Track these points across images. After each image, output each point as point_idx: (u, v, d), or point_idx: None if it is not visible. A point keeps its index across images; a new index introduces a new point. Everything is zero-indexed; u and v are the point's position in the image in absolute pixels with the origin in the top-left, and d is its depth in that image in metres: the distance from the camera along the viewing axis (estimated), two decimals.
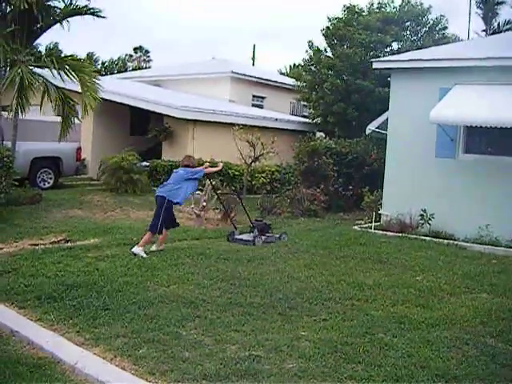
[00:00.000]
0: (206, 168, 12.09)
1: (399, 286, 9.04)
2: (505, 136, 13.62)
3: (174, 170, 11.90)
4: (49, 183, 19.01)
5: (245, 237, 12.64)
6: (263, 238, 12.60)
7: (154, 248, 11.02)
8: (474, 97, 13.87)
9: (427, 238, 13.55)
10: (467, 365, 5.96)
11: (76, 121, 16.83)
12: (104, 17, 16.47)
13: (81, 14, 16.41)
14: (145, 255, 10.40)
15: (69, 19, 16.40)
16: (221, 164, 13.40)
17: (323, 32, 25.22)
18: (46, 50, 16.17)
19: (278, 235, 12.98)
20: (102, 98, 17.76)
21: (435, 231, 13.98)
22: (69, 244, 11.21)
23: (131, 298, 7.62)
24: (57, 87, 15.86)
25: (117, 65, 55.37)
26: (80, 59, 16.12)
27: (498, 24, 38.33)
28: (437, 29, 25.29)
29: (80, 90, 15.90)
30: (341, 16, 25.11)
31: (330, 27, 24.98)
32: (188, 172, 11.47)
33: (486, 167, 14.05)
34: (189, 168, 11.58)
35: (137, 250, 10.49)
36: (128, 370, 5.54)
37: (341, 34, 24.21)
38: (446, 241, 13.37)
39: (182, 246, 11.60)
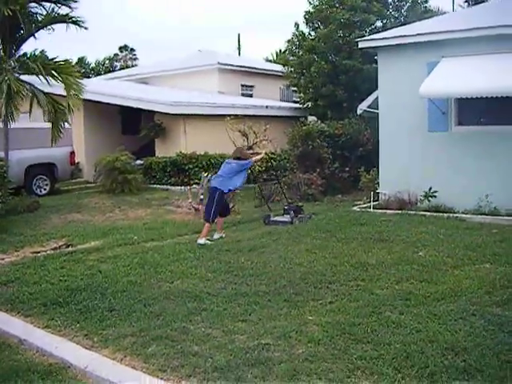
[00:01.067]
0: (253, 158, 13.05)
1: (402, 262, 9.05)
2: (496, 105, 13.59)
3: (227, 161, 12.73)
4: (45, 190, 19.01)
5: (281, 219, 13.60)
6: (299, 218, 13.54)
7: (216, 236, 11.91)
8: (463, 68, 13.86)
9: (427, 213, 13.56)
10: (475, 336, 5.97)
11: (67, 125, 16.79)
12: (86, 28, 16.43)
13: (63, 21, 16.36)
14: (209, 242, 11.33)
15: (53, 26, 16.38)
16: (263, 151, 14.40)
17: (306, 16, 25.14)
18: (31, 56, 16.06)
19: (308, 215, 13.90)
20: (91, 100, 17.75)
21: (434, 206, 13.98)
22: (70, 248, 11.21)
23: (136, 297, 7.63)
24: (44, 93, 15.82)
25: (103, 65, 55.15)
26: (64, 61, 16.03)
27: None
28: (419, 2, 25.25)
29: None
30: None
31: (312, 10, 24.89)
32: (239, 164, 12.39)
33: (479, 138, 14.05)
34: (240, 160, 12.47)
35: (202, 241, 11.32)
36: (139, 369, 5.55)
37: (323, 16, 24.10)
38: (445, 214, 13.38)
39: (183, 240, 11.61)
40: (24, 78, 15.93)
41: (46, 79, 15.72)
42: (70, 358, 5.91)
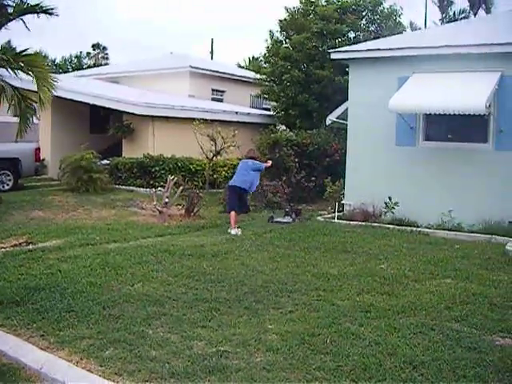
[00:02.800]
0: (264, 164, 14.13)
1: (364, 274, 9.09)
2: (463, 123, 13.82)
3: (243, 160, 14.07)
4: (8, 185, 18.75)
5: (283, 219, 14.84)
6: (299, 218, 14.98)
7: (233, 232, 12.84)
8: (432, 85, 14.04)
9: (390, 226, 13.65)
10: (433, 350, 6.01)
11: (34, 120, 16.55)
12: (57, 14, 16.16)
13: (34, 12, 16.10)
14: (240, 232, 12.81)
15: (23, 18, 16.09)
16: (269, 161, 15.03)
17: (281, 24, 25.23)
18: (1, 48, 15.76)
19: (307, 216, 15.18)
20: (59, 97, 17.50)
21: (398, 219, 14.10)
22: (30, 246, 11.00)
23: (95, 299, 7.51)
24: (13, 87, 15.57)
25: (70, 62, 54.55)
26: (35, 54, 15.77)
27: (454, 13, 39.03)
28: (392, 16, 25.49)
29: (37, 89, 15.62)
30: (298, 6, 25.13)
31: (287, 18, 25.00)
32: (255, 164, 13.65)
33: (446, 154, 14.21)
34: (255, 160, 13.80)
35: (234, 231, 12.82)
36: (95, 372, 5.46)
37: (298, 24, 24.19)
38: (409, 228, 13.49)
39: (146, 243, 11.49)
40: None
41: (15, 72, 15.45)
42: (24, 358, 5.80)
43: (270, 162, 14.72)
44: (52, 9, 16.02)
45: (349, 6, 24.54)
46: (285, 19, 25.09)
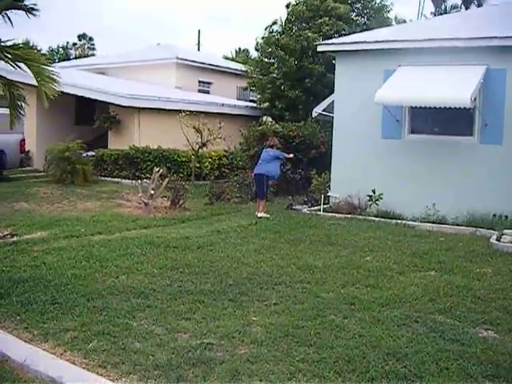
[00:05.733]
0: (286, 155, 15.15)
1: (349, 267, 9.13)
2: (448, 116, 13.87)
3: (265, 150, 14.94)
4: None
5: (302, 207, 15.82)
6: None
7: (260, 214, 14.00)
8: (418, 78, 14.07)
9: (376, 219, 13.71)
10: (417, 342, 6.04)
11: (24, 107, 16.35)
12: (39, 15, 15.95)
13: (17, 8, 15.91)
14: (268, 215, 14.03)
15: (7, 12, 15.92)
16: (291, 154, 15.72)
17: (286, 17, 25.12)
18: None
19: (324, 206, 15.38)
20: None
21: (384, 211, 14.15)
22: (15, 238, 10.93)
23: (80, 291, 7.48)
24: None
25: (57, 53, 54.18)
26: (30, 47, 15.59)
27: (445, 8, 39.19)
28: (383, 10, 25.55)
29: (25, 81, 15.45)
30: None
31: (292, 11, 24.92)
32: (276, 152, 14.73)
33: (431, 147, 14.26)
34: (274, 148, 14.85)
35: (261, 214, 13.97)
36: (78, 364, 5.44)
37: (302, 16, 24.23)
38: (394, 221, 13.56)
39: (131, 235, 11.45)
40: None
41: (13, 66, 15.24)
42: (7, 351, 5.74)
43: (291, 154, 15.51)
44: (35, 9, 15.79)
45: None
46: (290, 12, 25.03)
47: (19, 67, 14.93)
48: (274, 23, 25.61)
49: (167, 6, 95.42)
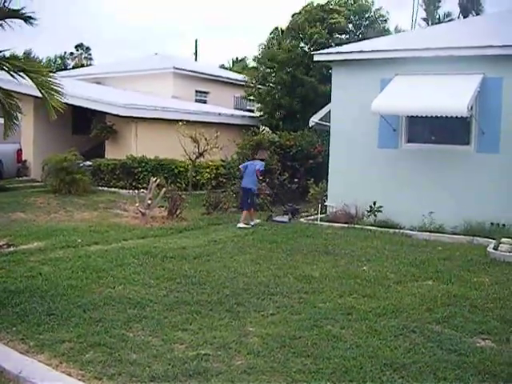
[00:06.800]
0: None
1: (346, 277, 9.12)
2: (445, 125, 13.86)
3: (251, 162, 15.36)
4: None
5: (281, 218, 15.38)
6: (295, 218, 15.66)
7: (252, 223, 14.42)
8: (415, 87, 14.08)
9: (373, 228, 13.70)
10: (414, 352, 6.03)
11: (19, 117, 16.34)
12: (37, 24, 15.92)
13: (14, 17, 15.88)
14: (249, 225, 14.18)
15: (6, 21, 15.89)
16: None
17: (288, 26, 25.18)
18: None
19: (321, 215, 15.25)
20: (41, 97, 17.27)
21: (381, 221, 14.14)
22: (11, 249, 10.89)
23: (76, 302, 7.46)
24: None
25: (54, 63, 54.24)
26: (34, 60, 15.58)
27: (439, 17, 39.34)
28: (379, 21, 25.60)
29: (21, 91, 15.41)
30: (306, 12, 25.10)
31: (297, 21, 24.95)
32: (254, 164, 15.04)
33: (428, 156, 14.27)
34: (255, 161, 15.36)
35: (240, 225, 14.02)
36: (74, 376, 5.42)
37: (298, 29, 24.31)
38: (391, 230, 13.55)
39: (128, 245, 11.43)
40: None
41: (13, 76, 15.20)
42: (3, 362, 5.71)
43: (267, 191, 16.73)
44: (33, 18, 15.74)
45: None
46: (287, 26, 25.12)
47: (22, 77, 14.91)
48: (276, 29, 25.72)
49: (164, 16, 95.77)
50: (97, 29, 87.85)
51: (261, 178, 15.77)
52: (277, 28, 26.06)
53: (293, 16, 25.45)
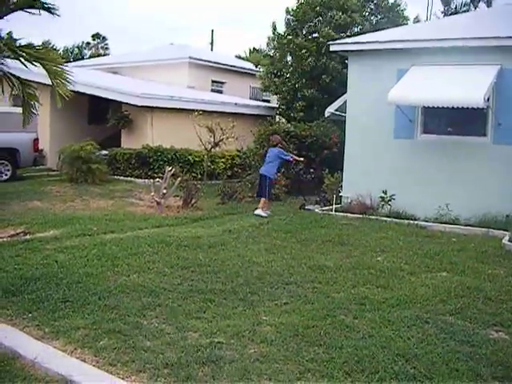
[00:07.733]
0: (294, 157, 15.50)
1: (360, 267, 9.12)
2: (462, 116, 13.81)
3: (270, 149, 15.15)
4: (6, 175, 18.73)
5: (313, 207, 15.90)
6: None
7: (263, 214, 14.12)
8: (431, 77, 14.02)
9: (388, 219, 13.67)
10: (427, 343, 6.04)
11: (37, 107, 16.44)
12: (59, 15, 15.95)
13: (35, 7, 15.92)
14: (265, 214, 14.09)
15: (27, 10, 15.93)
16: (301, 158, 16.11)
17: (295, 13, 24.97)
18: (8, 40, 15.54)
19: (336, 206, 15.32)
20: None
21: (396, 212, 14.11)
22: (28, 236, 10.98)
23: (91, 289, 7.53)
24: (14, 76, 15.43)
25: (72, 53, 54.46)
26: (47, 48, 15.61)
27: (455, 6, 38.95)
28: (396, 10, 25.40)
29: (40, 80, 15.49)
30: None
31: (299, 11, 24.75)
32: (279, 151, 14.91)
33: (443, 147, 14.21)
34: (278, 148, 15.02)
35: (257, 211, 14.15)
36: (89, 362, 5.48)
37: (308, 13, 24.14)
38: (406, 221, 13.51)
39: (143, 234, 11.47)
40: None
41: (25, 65, 15.27)
42: (19, 348, 5.78)
43: (301, 158, 16.00)
44: (54, 8, 15.78)
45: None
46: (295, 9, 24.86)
47: (34, 65, 14.97)
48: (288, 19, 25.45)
49: (180, 8, 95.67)
50: (112, 19, 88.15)
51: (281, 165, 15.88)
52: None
53: (288, 12, 25.14)
